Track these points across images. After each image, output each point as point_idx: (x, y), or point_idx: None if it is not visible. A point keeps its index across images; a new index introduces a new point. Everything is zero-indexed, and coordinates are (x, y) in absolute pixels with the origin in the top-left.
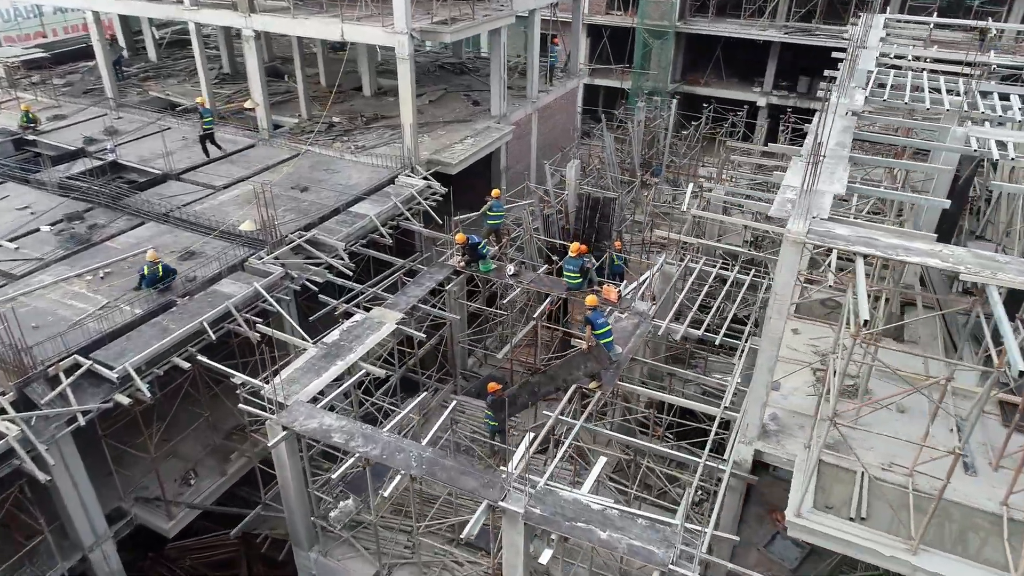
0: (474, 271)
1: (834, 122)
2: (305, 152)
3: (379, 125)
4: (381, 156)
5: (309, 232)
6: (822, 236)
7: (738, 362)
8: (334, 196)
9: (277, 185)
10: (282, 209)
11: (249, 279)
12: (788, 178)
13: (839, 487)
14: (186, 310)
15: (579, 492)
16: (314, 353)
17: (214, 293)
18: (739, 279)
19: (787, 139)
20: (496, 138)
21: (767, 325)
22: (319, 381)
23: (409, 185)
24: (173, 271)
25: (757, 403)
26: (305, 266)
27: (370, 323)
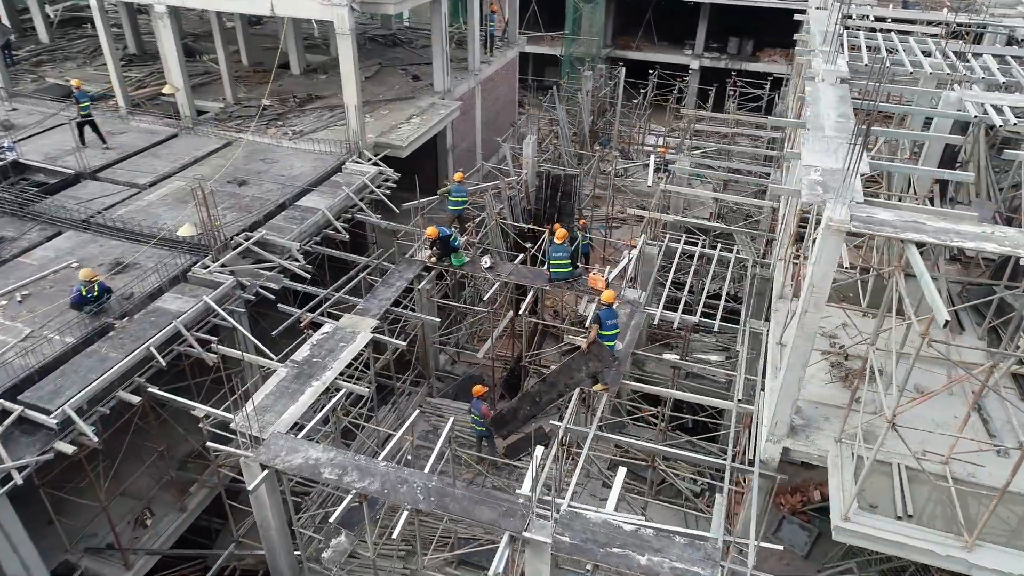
0: (446, 265)
1: (827, 91)
2: (237, 140)
3: (315, 107)
4: (323, 141)
5: (256, 233)
6: (867, 223)
7: (742, 348)
8: (277, 189)
9: (211, 180)
10: (221, 207)
11: (195, 291)
12: (807, 157)
13: (877, 482)
14: (127, 334)
15: (606, 512)
16: (285, 374)
17: (157, 311)
18: (723, 257)
19: (735, 104)
20: (444, 115)
21: (802, 319)
22: (296, 407)
23: (359, 172)
24: (108, 289)
25: (788, 400)
26: (257, 272)
27: (342, 334)
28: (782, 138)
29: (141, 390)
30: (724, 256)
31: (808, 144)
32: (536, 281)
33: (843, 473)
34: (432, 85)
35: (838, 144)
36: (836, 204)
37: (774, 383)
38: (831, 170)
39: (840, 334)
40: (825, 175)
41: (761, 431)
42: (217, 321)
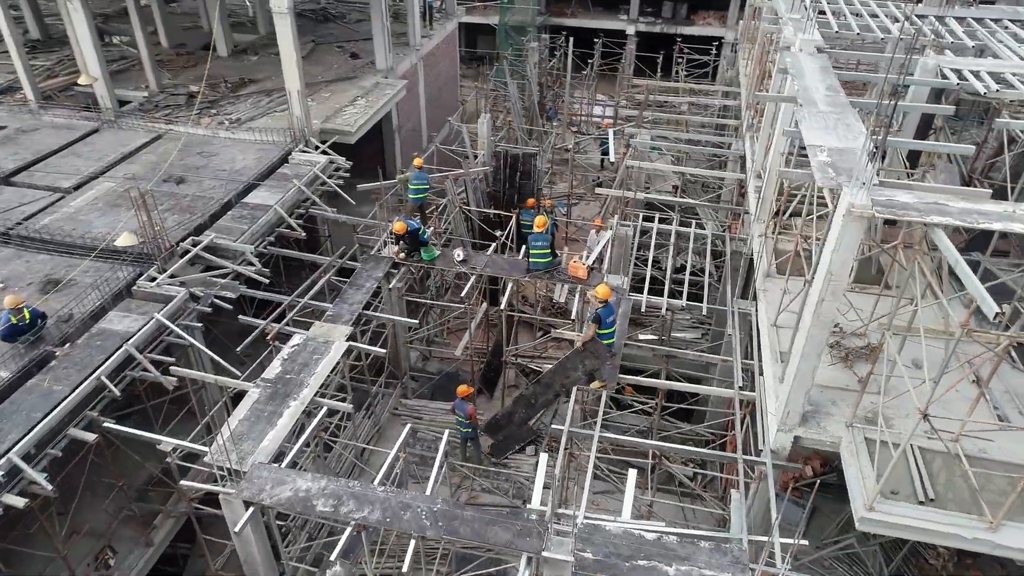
0: (416, 261)
1: (808, 63)
2: (168, 133)
3: (249, 91)
4: (265, 130)
5: (203, 236)
6: (890, 208)
7: (734, 332)
8: (220, 186)
9: (145, 179)
10: (160, 209)
11: (143, 308)
12: (809, 136)
13: (895, 470)
14: (71, 362)
15: (624, 520)
16: (257, 395)
17: (103, 333)
18: (698, 234)
19: (684, 71)
20: (391, 96)
21: (818, 308)
22: (275, 432)
23: (308, 163)
24: (43, 315)
25: (801, 390)
26: (209, 280)
27: (314, 345)
28: (735, 106)
29: (95, 425)
30: (699, 233)
31: (806, 122)
32: (513, 272)
33: (860, 460)
34: (373, 63)
35: (835, 120)
36: (855, 188)
37: (776, 368)
38: (837, 149)
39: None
40: (832, 155)
41: (767, 419)
42: (172, 339)
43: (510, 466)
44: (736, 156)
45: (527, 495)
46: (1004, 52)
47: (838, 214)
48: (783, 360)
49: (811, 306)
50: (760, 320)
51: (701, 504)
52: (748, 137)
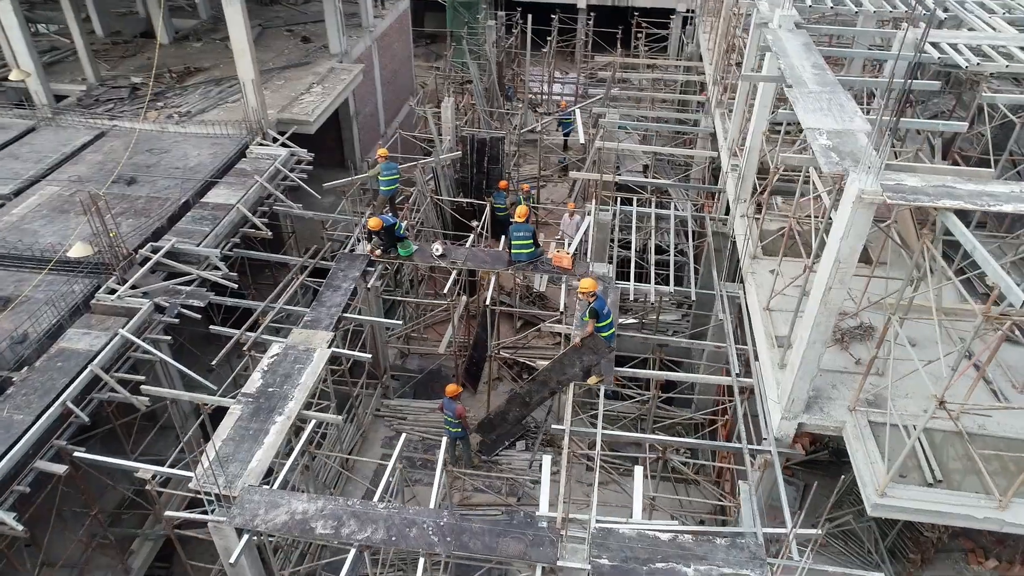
0: (393, 257)
1: (789, 40)
2: (112, 129)
3: (197, 81)
4: (218, 123)
5: (163, 242)
6: (901, 192)
7: (726, 315)
8: (175, 185)
9: (92, 180)
10: (113, 214)
11: (104, 323)
12: (805, 118)
13: (897, 448)
14: (31, 387)
15: (636, 522)
16: (240, 412)
17: (63, 354)
18: (680, 216)
19: (644, 45)
20: (348, 81)
21: (826, 295)
22: (263, 451)
23: (267, 156)
24: None
25: (807, 377)
26: (174, 288)
27: (295, 353)
28: (699, 81)
29: (64, 454)
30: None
31: (800, 103)
32: (496, 264)
33: (866, 445)
34: (327, 47)
35: (828, 100)
36: (863, 173)
37: (773, 354)
38: (836, 131)
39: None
40: (832, 138)
41: (768, 405)
42: (138, 355)
43: (501, 463)
44: (705, 133)
45: (520, 492)
46: (977, 24)
47: (846, 200)
48: (779, 345)
49: (818, 293)
50: (751, 304)
51: (696, 489)
52: (719, 114)
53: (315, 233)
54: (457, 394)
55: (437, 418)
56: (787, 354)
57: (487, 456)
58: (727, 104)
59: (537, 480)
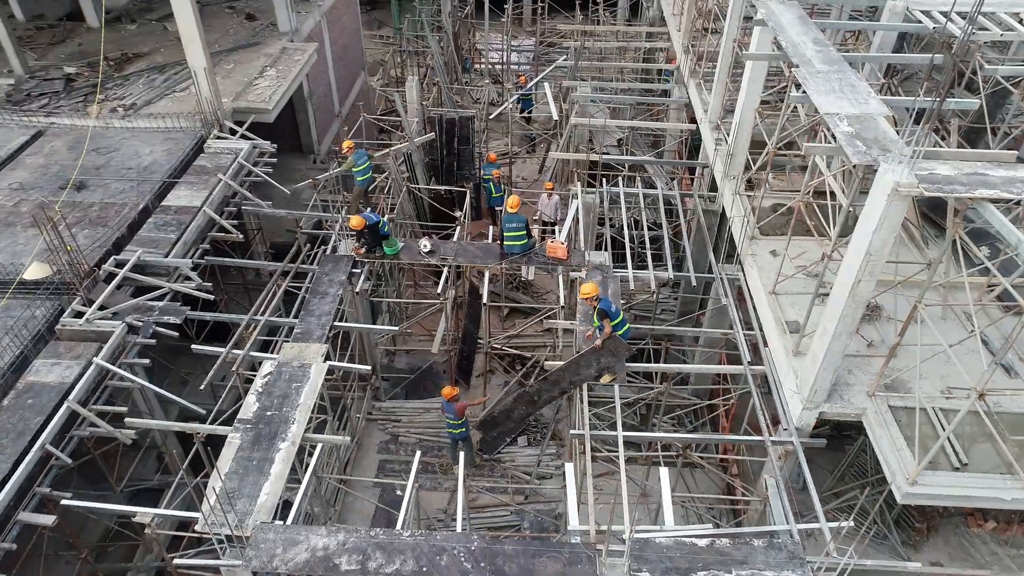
0: (378, 257)
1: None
2: (50, 128)
3: (138, 69)
4: (169, 116)
5: (127, 254)
6: (936, 183)
7: (729, 300)
8: (131, 188)
9: (36, 187)
10: (66, 224)
11: (74, 350)
12: (820, 102)
13: (920, 432)
14: (2, 430)
15: (670, 529)
16: (239, 441)
17: (32, 389)
18: (668, 196)
19: (605, 10)
20: (302, 62)
21: (855, 288)
22: (271, 483)
23: (228, 151)
24: None
25: (831, 368)
26: (145, 305)
27: (290, 371)
28: (665, 48)
29: (49, 503)
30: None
31: (812, 86)
32: (488, 259)
33: (890, 431)
34: (275, 25)
35: (838, 80)
36: (895, 164)
37: (785, 340)
38: (855, 116)
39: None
40: (853, 124)
41: (784, 393)
42: (116, 383)
43: (504, 460)
44: (679, 104)
45: (528, 492)
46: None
47: (879, 192)
48: (791, 330)
49: (846, 285)
50: (754, 288)
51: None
52: (693, 84)
53: (280, 226)
54: (454, 395)
55: (433, 418)
56: (801, 341)
57: (489, 455)
58: (702, 74)
59: (545, 476)
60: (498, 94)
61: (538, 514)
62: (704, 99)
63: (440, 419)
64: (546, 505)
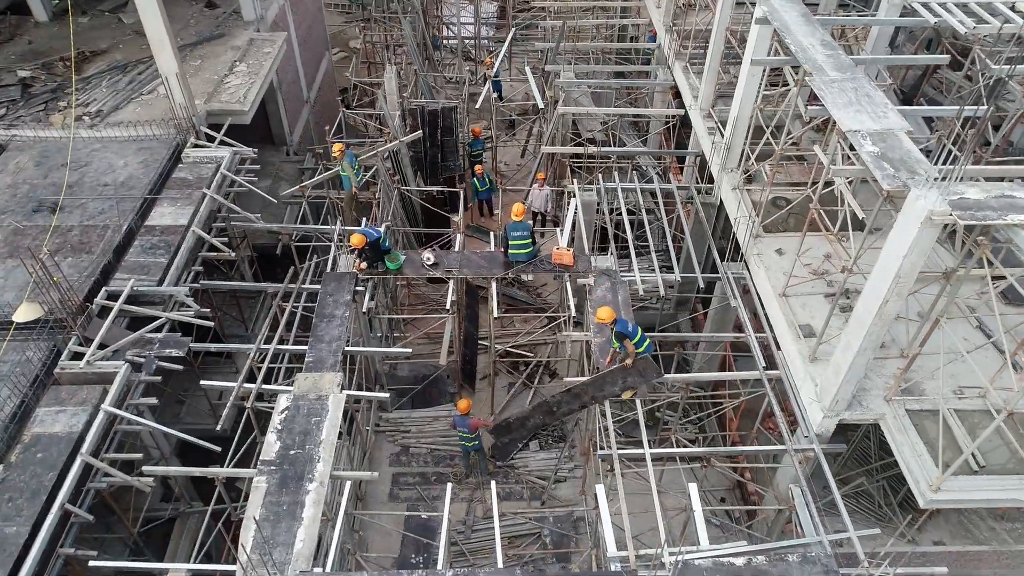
0: (381, 272)
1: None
2: (11, 141)
3: (98, 69)
4: (139, 124)
5: (117, 282)
6: (969, 210)
7: (738, 302)
8: (110, 208)
9: (8, 211)
10: (46, 251)
11: (76, 395)
12: (843, 118)
13: (930, 431)
14: (15, 489)
15: (708, 549)
16: (266, 485)
17: (40, 441)
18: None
19: None
20: (273, 55)
21: (883, 307)
22: (305, 528)
23: (208, 160)
24: None
25: (854, 380)
26: (144, 338)
27: (307, 405)
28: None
29: (76, 563)
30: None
31: (829, 98)
32: (493, 269)
33: (910, 437)
34: (239, 13)
35: (853, 90)
36: (926, 190)
37: (800, 345)
38: (878, 133)
39: (831, 268)
40: (877, 142)
41: (803, 401)
42: (125, 427)
43: (518, 466)
44: (664, 87)
45: (545, 497)
46: None
47: (911, 219)
48: (803, 334)
49: (873, 306)
50: (762, 291)
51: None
52: (679, 67)
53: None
54: (468, 410)
55: (442, 427)
56: (817, 347)
57: (502, 462)
58: (687, 56)
59: (561, 479)
60: (471, 72)
61: (557, 520)
62: (692, 83)
63: (449, 426)
64: (563, 509)
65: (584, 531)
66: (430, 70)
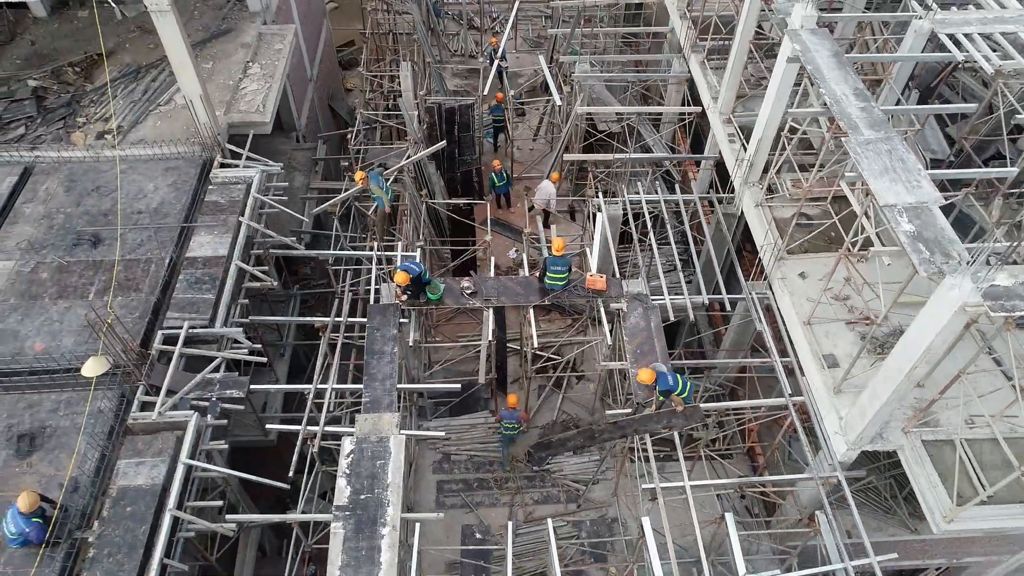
0: (422, 303)
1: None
2: (36, 163)
3: (111, 77)
4: (163, 143)
5: (171, 322)
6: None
7: (763, 325)
8: (149, 239)
9: (49, 245)
10: (93, 291)
11: (151, 446)
12: (881, 190)
13: (943, 461)
14: (113, 545)
15: None
16: (342, 531)
17: (127, 495)
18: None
19: None
20: (286, 53)
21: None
22: (384, 571)
23: (236, 180)
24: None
25: (881, 420)
26: (204, 379)
27: (371, 448)
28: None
29: None
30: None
31: (864, 164)
32: (528, 296)
33: (926, 468)
34: (244, 2)
35: (888, 153)
36: (961, 278)
37: (824, 376)
38: (913, 208)
39: (850, 293)
40: (912, 219)
41: (826, 429)
42: (200, 474)
43: (552, 470)
44: (680, 79)
45: (581, 501)
46: None
47: (944, 306)
48: (827, 364)
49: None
50: (787, 317)
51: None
52: (696, 61)
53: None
54: (517, 404)
55: (479, 434)
56: (842, 381)
57: (537, 467)
58: (704, 48)
59: (594, 481)
60: (475, 43)
61: (592, 524)
62: (711, 81)
63: (485, 433)
64: (596, 511)
65: (618, 532)
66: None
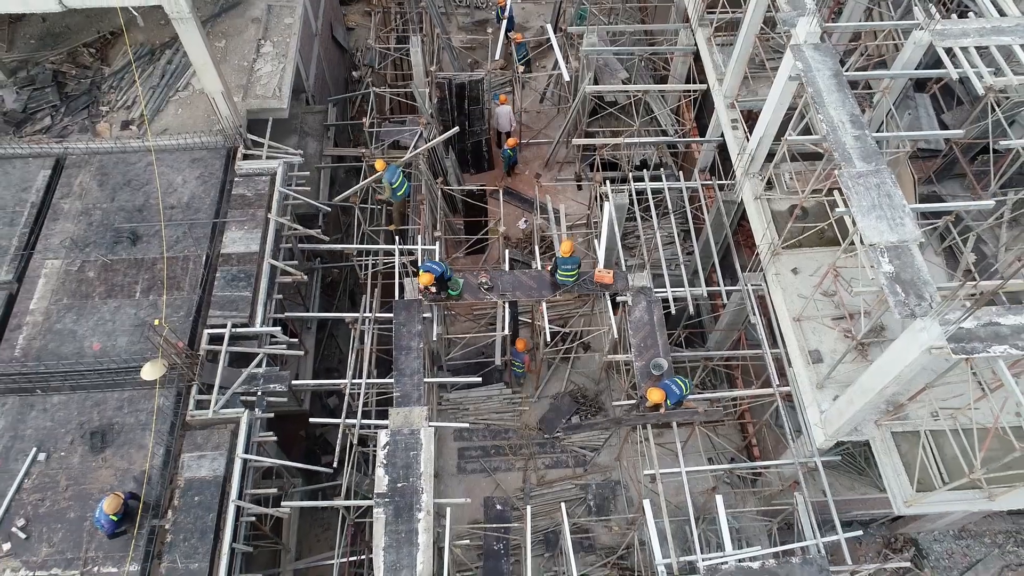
0: (443, 299)
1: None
2: (67, 154)
3: (127, 60)
4: (187, 133)
5: (214, 320)
6: (961, 343)
7: (757, 318)
8: (184, 235)
9: (91, 243)
10: (139, 291)
11: (212, 441)
12: (867, 228)
13: (910, 451)
14: (186, 531)
15: (731, 554)
16: (383, 516)
17: (194, 486)
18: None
19: None
20: (296, 28)
21: (883, 390)
22: (422, 552)
23: (260, 172)
24: (132, 495)
25: (856, 420)
26: (253, 375)
27: (404, 440)
28: None
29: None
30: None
31: (855, 200)
32: (541, 291)
33: (893, 459)
34: None
35: (877, 187)
36: (931, 321)
37: (809, 372)
38: (894, 248)
39: (838, 288)
40: (893, 259)
41: (808, 419)
42: (254, 465)
43: (562, 438)
44: (687, 52)
45: (587, 464)
46: (983, 6)
47: (912, 345)
48: (813, 360)
49: (877, 385)
50: (779, 313)
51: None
52: (703, 36)
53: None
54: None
55: (495, 405)
56: (825, 373)
57: (548, 432)
58: (712, 21)
59: (596, 448)
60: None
61: (598, 486)
62: (716, 61)
63: (501, 404)
64: (602, 475)
65: (620, 493)
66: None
